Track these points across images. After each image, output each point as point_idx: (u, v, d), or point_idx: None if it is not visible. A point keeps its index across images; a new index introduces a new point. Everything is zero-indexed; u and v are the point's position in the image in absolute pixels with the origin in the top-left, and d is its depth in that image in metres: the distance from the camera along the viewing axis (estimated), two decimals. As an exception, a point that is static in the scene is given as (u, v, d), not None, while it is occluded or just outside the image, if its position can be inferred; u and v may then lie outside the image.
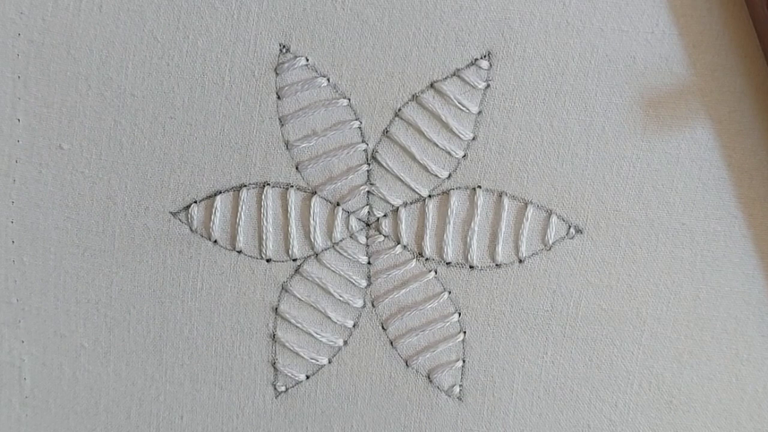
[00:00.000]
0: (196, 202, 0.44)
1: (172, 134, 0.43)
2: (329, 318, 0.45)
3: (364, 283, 0.45)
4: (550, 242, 0.44)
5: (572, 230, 0.44)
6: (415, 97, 0.43)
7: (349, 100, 0.43)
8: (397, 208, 0.44)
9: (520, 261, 0.44)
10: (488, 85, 0.42)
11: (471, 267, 0.44)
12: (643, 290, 0.44)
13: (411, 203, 0.44)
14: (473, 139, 0.43)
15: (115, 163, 0.43)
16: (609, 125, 0.43)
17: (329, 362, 0.45)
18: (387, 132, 0.43)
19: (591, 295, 0.44)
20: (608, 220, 0.43)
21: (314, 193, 0.44)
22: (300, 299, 0.45)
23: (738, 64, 0.42)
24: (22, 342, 0.45)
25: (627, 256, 0.44)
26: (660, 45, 0.42)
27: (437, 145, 0.43)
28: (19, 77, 0.42)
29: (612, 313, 0.45)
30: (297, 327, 0.45)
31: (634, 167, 0.43)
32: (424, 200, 0.44)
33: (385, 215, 0.44)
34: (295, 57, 0.42)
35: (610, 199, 0.43)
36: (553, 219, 0.44)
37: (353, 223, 0.44)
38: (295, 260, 0.45)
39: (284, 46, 0.42)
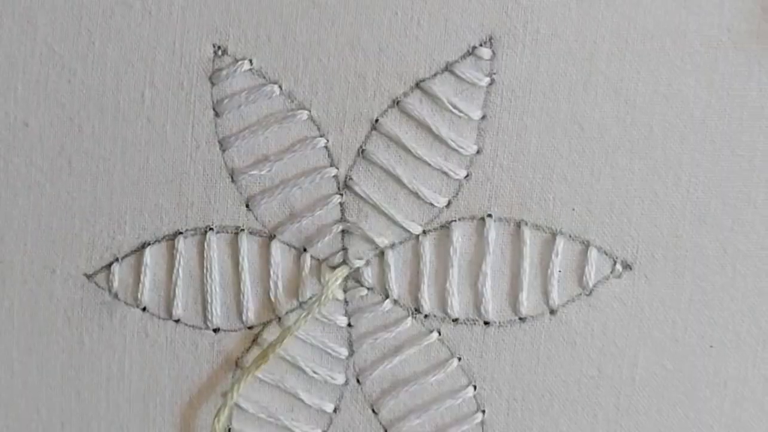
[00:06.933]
0: (117, 259, 0.44)
1: (81, 173, 0.43)
2: (302, 401, 0.44)
3: (345, 352, 0.44)
4: (591, 284, 0.43)
5: (618, 267, 0.43)
6: (396, 103, 0.42)
7: (310, 111, 0.43)
8: (383, 251, 0.43)
9: (552, 312, 0.43)
10: (492, 81, 0.42)
11: (486, 323, 0.44)
12: (720, 341, 0.44)
13: (400, 243, 0.43)
14: (477, 152, 0.42)
15: (9, 216, 0.44)
16: (657, 123, 0.42)
17: (306, 461, 0.46)
18: (363, 150, 0.43)
19: (650, 351, 0.44)
20: (666, 250, 0.43)
21: (272, 236, 0.43)
22: (261, 379, 0.44)
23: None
24: None
25: (695, 297, 0.43)
26: (719, 12, 0.41)
27: (430, 164, 0.43)
28: None
29: (681, 375, 0.44)
30: (259, 417, 0.45)
31: (696, 178, 0.42)
32: (418, 238, 0.43)
33: (367, 262, 0.43)
34: (236, 60, 0.42)
35: (666, 221, 0.43)
36: (592, 253, 0.43)
37: (326, 274, 0.44)
38: (251, 328, 0.44)
39: (220, 47, 0.42)
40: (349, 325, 0.44)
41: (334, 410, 0.44)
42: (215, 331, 0.44)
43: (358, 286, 0.44)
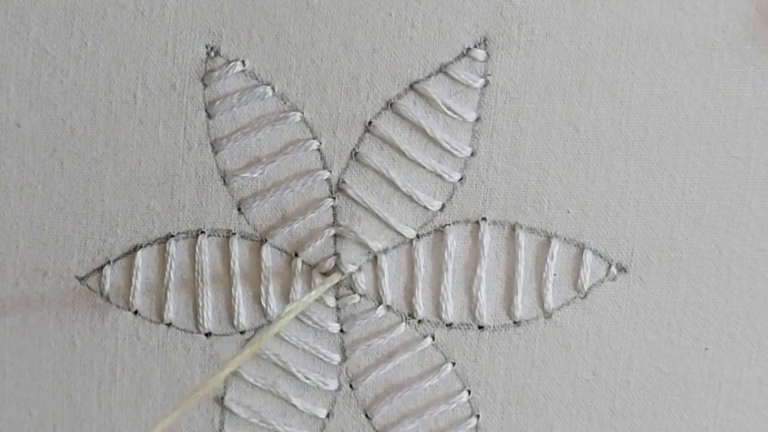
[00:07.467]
0: (109, 262, 0.44)
1: (73, 174, 0.43)
2: (294, 406, 0.44)
3: (337, 357, 0.44)
4: (586, 287, 0.43)
5: (613, 269, 0.43)
6: (390, 105, 0.42)
7: (303, 113, 0.42)
8: (376, 256, 0.43)
9: (547, 315, 0.43)
10: (487, 82, 0.42)
11: (480, 327, 0.44)
12: (715, 343, 0.44)
13: (394, 248, 0.43)
14: (472, 155, 0.42)
15: (0, 217, 0.44)
16: (652, 125, 0.42)
17: (298, 465, 0.45)
18: (356, 153, 0.43)
19: (645, 354, 0.44)
20: (661, 252, 0.43)
21: (264, 241, 0.43)
22: (253, 384, 0.44)
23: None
24: None
25: (690, 299, 0.43)
26: (714, 13, 0.41)
27: (424, 167, 0.43)
28: None
29: (675, 378, 0.44)
30: (251, 422, 0.45)
31: (691, 179, 0.42)
32: (412, 242, 0.43)
33: (359, 268, 0.44)
34: (228, 61, 0.42)
35: (661, 223, 0.43)
36: (588, 255, 0.43)
37: (317, 279, 0.44)
38: (242, 333, 0.44)
39: (212, 48, 0.42)
40: (342, 331, 0.44)
41: (327, 415, 0.44)
42: (207, 335, 0.44)
43: (350, 293, 0.44)
